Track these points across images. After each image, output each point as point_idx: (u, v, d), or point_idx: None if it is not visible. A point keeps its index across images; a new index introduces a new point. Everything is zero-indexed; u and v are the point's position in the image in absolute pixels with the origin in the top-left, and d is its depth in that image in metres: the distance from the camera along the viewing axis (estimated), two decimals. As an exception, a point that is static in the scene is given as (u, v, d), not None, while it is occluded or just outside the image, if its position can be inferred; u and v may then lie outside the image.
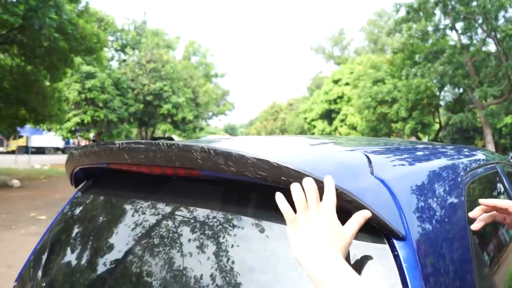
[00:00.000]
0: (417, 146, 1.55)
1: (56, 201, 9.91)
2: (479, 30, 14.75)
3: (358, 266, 0.81)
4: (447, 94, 25.03)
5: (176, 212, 1.10)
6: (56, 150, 37.78)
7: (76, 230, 1.36)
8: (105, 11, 22.01)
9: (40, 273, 1.37)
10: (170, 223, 1.08)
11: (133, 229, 1.15)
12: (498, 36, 13.18)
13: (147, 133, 28.89)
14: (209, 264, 0.93)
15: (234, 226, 0.96)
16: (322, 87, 40.63)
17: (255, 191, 0.96)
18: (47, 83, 13.39)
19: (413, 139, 27.94)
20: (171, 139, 25.60)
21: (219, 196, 1.05)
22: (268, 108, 69.83)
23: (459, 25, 15.02)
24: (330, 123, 37.22)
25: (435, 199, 1.01)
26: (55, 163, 21.56)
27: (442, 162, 1.27)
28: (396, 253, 0.80)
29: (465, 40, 15.32)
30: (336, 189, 0.80)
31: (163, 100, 22.31)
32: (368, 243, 0.83)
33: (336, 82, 36.61)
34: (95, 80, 18.06)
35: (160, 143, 0.99)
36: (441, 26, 15.80)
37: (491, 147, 15.64)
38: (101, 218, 1.31)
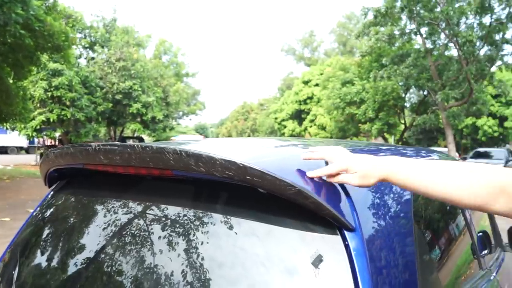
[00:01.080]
0: (374, 148, 1.69)
1: (20, 202, 9.62)
2: (442, 35, 15.37)
3: (314, 254, 0.92)
4: (412, 96, 25.87)
5: (149, 211, 1.16)
6: (19, 149, 36.54)
7: (49, 230, 1.40)
8: (73, 7, 21.46)
9: (12, 274, 1.39)
10: (144, 221, 1.15)
11: (107, 228, 1.21)
12: (459, 41, 13.77)
13: (115, 132, 28.39)
14: (183, 261, 0.99)
15: (205, 223, 1.04)
16: (292, 87, 41.11)
17: (223, 189, 1.05)
18: (11, 81, 12.96)
19: (380, 139, 28.72)
20: (141, 139, 25.30)
21: (190, 194, 1.13)
22: (239, 108, 69.95)
23: (424, 30, 15.60)
24: (300, 124, 37.71)
25: (384, 196, 1.13)
26: (18, 163, 20.86)
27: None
28: (346, 243, 0.91)
29: (429, 44, 15.92)
30: (295, 187, 0.90)
31: (133, 99, 21.99)
32: (323, 234, 0.94)
33: (306, 83, 37.12)
34: (62, 78, 17.59)
35: (135, 145, 1.07)
36: (407, 31, 16.34)
37: (452, 147, 16.31)
38: (75, 217, 1.35)
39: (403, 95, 22.47)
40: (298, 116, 38.06)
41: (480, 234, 2.02)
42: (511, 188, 0.82)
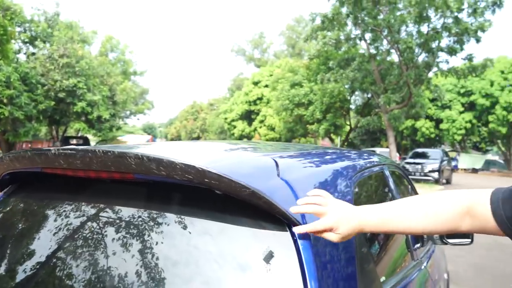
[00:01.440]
0: (321, 151, 1.83)
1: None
2: (385, 42, 16.17)
3: (266, 249, 1.01)
4: (357, 98, 26.94)
5: (108, 213, 1.19)
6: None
7: (2, 234, 1.40)
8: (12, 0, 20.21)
9: None
10: (102, 223, 1.17)
11: (64, 230, 1.21)
12: (400, 48, 14.56)
13: (58, 132, 27.11)
14: (149, 260, 1.04)
15: (165, 223, 1.10)
16: (242, 88, 41.29)
17: (182, 190, 1.12)
18: None
19: (327, 139, 29.62)
20: (86, 139, 24.34)
21: (150, 195, 1.19)
22: (189, 107, 69.08)
23: (368, 36, 16.33)
24: (250, 124, 37.97)
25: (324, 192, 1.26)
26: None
27: (337, 164, 1.54)
28: (295, 238, 1.02)
29: (372, 50, 16.66)
30: (249, 188, 0.99)
31: (77, 97, 21.09)
32: (274, 231, 1.04)
33: (256, 84, 37.44)
34: (-1, 73, 16.57)
35: (96, 150, 1.11)
36: (352, 36, 17.00)
37: (393, 147, 17.20)
38: (30, 221, 1.35)
39: (349, 97, 23.35)
40: (248, 116, 38.30)
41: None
42: (472, 210, 0.97)
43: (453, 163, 33.07)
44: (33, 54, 22.21)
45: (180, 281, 1.00)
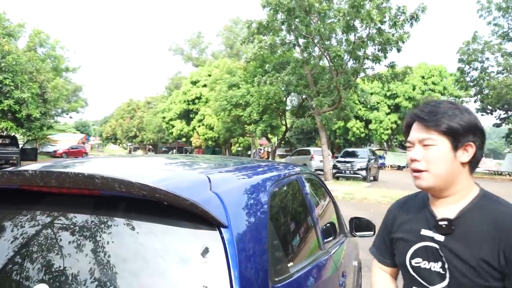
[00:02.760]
0: (248, 165, 2.26)
1: None
2: (317, 48, 17.11)
3: (202, 245, 1.40)
4: (294, 99, 28.01)
5: (77, 222, 1.51)
6: None
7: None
8: None
9: None
10: (73, 230, 1.48)
11: (38, 239, 1.50)
12: (330, 55, 15.54)
13: (-18, 130, 25.34)
14: (109, 258, 1.32)
15: (124, 229, 1.45)
16: (180, 87, 40.98)
17: (138, 202, 1.48)
18: None
19: (264, 139, 30.43)
20: (14, 138, 22.98)
21: (112, 207, 1.52)
22: (125, 105, 66.97)
23: (301, 42, 17.17)
24: (189, 123, 37.85)
25: (248, 202, 1.68)
26: None
27: (258, 177, 1.98)
28: (222, 235, 1.42)
29: (305, 55, 17.54)
30: (188, 201, 1.38)
31: (3, 95, 19.93)
32: (207, 230, 1.43)
33: (194, 83, 37.37)
34: None
35: (69, 172, 1.45)
36: (287, 41, 17.76)
37: (325, 147, 18.26)
38: (9, 230, 1.63)
39: (285, 99, 24.26)
40: (187, 115, 38.13)
41: (327, 225, 2.76)
42: None
43: (380, 161, 35.41)
44: (-48, 47, 20.63)
45: (144, 273, 1.31)
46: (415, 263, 1.33)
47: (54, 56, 33.10)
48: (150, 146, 59.13)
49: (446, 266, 1.24)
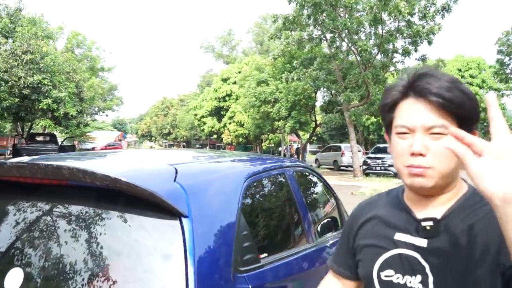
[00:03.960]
0: (230, 159, 2.31)
1: None
2: (344, 42, 16.89)
3: (163, 232, 1.46)
4: (326, 95, 27.74)
5: (50, 211, 1.62)
6: None
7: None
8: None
9: None
10: (47, 218, 1.61)
11: (16, 226, 1.65)
12: (357, 49, 15.30)
13: (23, 129, 26.68)
14: (83, 252, 1.42)
15: (89, 217, 1.54)
16: (212, 84, 41.48)
17: (102, 192, 1.55)
18: None
19: (294, 135, 30.34)
20: (53, 135, 24.09)
21: (80, 196, 1.62)
22: (159, 103, 68.58)
23: (329, 36, 16.99)
24: (220, 120, 38.27)
25: (216, 194, 1.72)
26: None
27: (234, 170, 2.02)
28: (182, 224, 1.48)
29: (333, 50, 17.35)
30: (147, 191, 1.44)
31: (42, 94, 20.90)
32: (168, 220, 1.49)
33: (225, 80, 37.72)
34: (-40, 71, 16.32)
35: (40, 164, 1.55)
36: (315, 36, 17.62)
37: (354, 143, 18.00)
38: None
39: (314, 95, 24.08)
40: (218, 112, 38.57)
41: (326, 219, 2.76)
42: None
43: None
44: (-4, 50, 21.82)
45: (106, 254, 1.40)
46: (385, 276, 1.04)
47: (90, 57, 34.35)
48: (184, 143, 60.25)
49: (431, 280, 0.96)
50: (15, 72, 20.24)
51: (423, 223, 0.99)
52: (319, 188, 3.10)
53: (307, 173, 2.91)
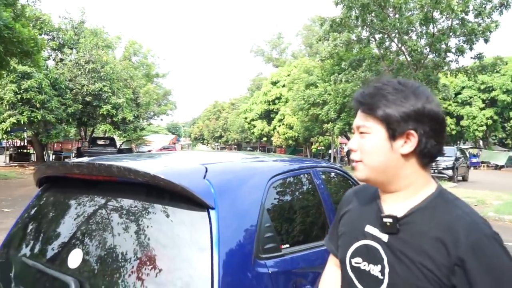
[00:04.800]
0: (259, 159, 2.54)
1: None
2: (393, 43, 16.54)
3: (194, 222, 1.71)
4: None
5: (105, 202, 1.95)
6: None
7: (40, 214, 2.18)
8: (40, 10, 21.58)
9: (16, 244, 2.15)
10: (103, 209, 1.93)
11: (80, 213, 1.99)
12: (407, 49, 14.94)
13: (86, 133, 28.53)
14: (127, 237, 1.72)
15: (135, 206, 1.84)
16: (261, 88, 41.92)
17: (146, 187, 1.84)
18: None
19: (344, 138, 29.95)
20: (112, 139, 25.58)
21: (128, 190, 1.91)
22: (211, 107, 70.24)
23: (377, 37, 16.74)
24: (269, 123, 38.58)
25: (241, 189, 1.95)
26: (-13, 165, 20.93)
27: (261, 169, 2.25)
28: (209, 215, 1.72)
29: (381, 50, 17.05)
30: (179, 186, 1.70)
31: (103, 100, 22.33)
32: (197, 212, 1.73)
33: (274, 83, 37.99)
34: (31, 80, 17.80)
35: (95, 163, 1.87)
36: (363, 37, 17.42)
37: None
38: (57, 207, 2.13)
39: (364, 96, 23.64)
40: (267, 115, 38.92)
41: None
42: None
43: (474, 160, 32.83)
44: (61, 60, 23.57)
45: (149, 238, 1.68)
46: (355, 263, 1.15)
47: (146, 64, 36.05)
48: (235, 146, 61.28)
49: (386, 270, 1.06)
50: (78, 81, 21.79)
51: (384, 219, 1.08)
52: (347, 187, 3.24)
53: (334, 173, 3.08)
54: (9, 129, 18.38)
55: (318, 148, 35.81)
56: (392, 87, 1.07)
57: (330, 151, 33.39)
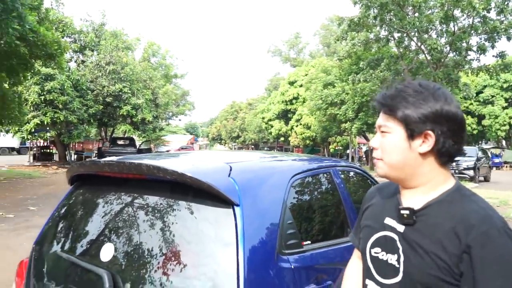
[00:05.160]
0: (281, 158, 2.60)
1: (20, 200, 10.33)
2: (413, 42, 16.37)
3: (219, 217, 1.79)
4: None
5: (135, 199, 2.05)
6: (11, 150, 37.11)
7: (72, 211, 2.29)
8: (62, 13, 22.11)
9: (50, 238, 2.27)
10: (132, 205, 2.03)
11: (110, 208, 2.09)
12: (427, 48, 14.76)
13: (106, 133, 29.05)
14: (154, 226, 1.86)
15: (163, 203, 1.93)
16: (279, 88, 41.92)
17: (174, 184, 1.92)
18: (7, 87, 13.65)
19: (362, 138, 29.72)
20: (132, 139, 25.98)
21: (157, 187, 2.00)
22: (228, 107, 70.50)
23: (396, 36, 16.59)
24: (287, 123, 38.55)
25: (264, 187, 2.03)
26: (12, 164, 21.50)
27: (282, 168, 2.32)
28: (234, 211, 1.80)
29: (401, 50, 16.89)
30: (205, 183, 1.78)
31: (123, 101, 22.72)
32: (223, 208, 1.81)
33: (292, 83, 37.96)
34: (54, 82, 18.26)
35: (125, 162, 1.96)
36: (382, 36, 17.29)
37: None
38: (88, 204, 2.24)
39: (382, 96, 23.45)
40: (285, 115, 38.91)
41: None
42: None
43: (496, 160, 32.18)
44: (83, 62, 24.08)
45: (175, 234, 1.77)
46: (374, 253, 1.24)
47: (164, 65, 36.49)
48: (252, 146, 61.45)
49: (402, 259, 1.13)
50: (99, 82, 22.22)
51: (402, 211, 1.16)
52: (366, 186, 3.28)
53: (353, 173, 3.12)
54: (33, 129, 18.88)
55: (336, 148, 35.63)
56: (413, 89, 1.13)
57: (348, 151, 33.19)
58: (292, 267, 1.91)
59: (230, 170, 1.98)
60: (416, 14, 15.31)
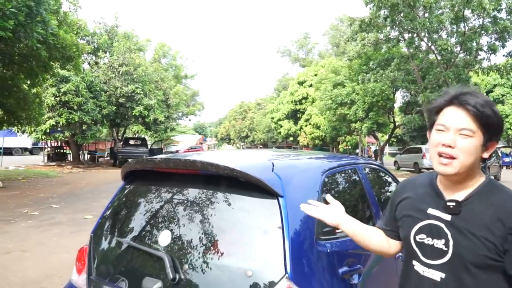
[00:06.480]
0: (312, 156, 2.87)
1: (41, 199, 10.68)
2: (423, 42, 16.49)
3: (266, 208, 2.06)
4: (406, 95, 27.00)
5: (188, 192, 2.30)
6: (23, 150, 37.69)
7: (127, 202, 2.55)
8: (77, 16, 22.52)
9: (108, 227, 2.54)
10: (185, 199, 2.28)
11: (161, 200, 2.36)
12: (437, 48, 14.90)
13: (118, 133, 29.44)
14: (207, 221, 2.10)
15: (217, 196, 2.18)
16: (288, 88, 42.06)
17: (225, 179, 2.18)
18: (27, 88, 14.01)
19: (371, 137, 29.80)
20: (144, 139, 26.34)
21: (209, 182, 2.26)
22: (237, 107, 70.67)
23: (406, 37, 16.73)
24: (296, 123, 38.68)
25: (302, 181, 2.29)
26: (27, 164, 21.97)
27: (315, 165, 2.58)
28: (279, 202, 2.05)
29: (411, 50, 17.02)
30: (255, 177, 2.04)
31: (135, 102, 23.07)
32: (269, 199, 2.06)
33: (301, 83, 38.06)
34: (69, 84, 18.66)
35: (181, 158, 2.23)
36: (392, 37, 17.44)
37: (432, 145, 17.41)
38: (143, 198, 2.50)
39: (392, 96, 23.62)
40: (294, 115, 39.03)
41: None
42: (388, 240, 1.70)
43: (507, 160, 32.05)
44: (96, 63, 24.49)
45: (225, 221, 2.04)
46: (419, 239, 1.44)
47: (175, 65, 36.85)
48: (261, 146, 61.65)
49: (451, 243, 1.33)
50: (112, 83, 22.61)
51: (448, 203, 1.37)
52: (387, 182, 3.53)
53: (377, 170, 3.38)
54: (48, 130, 19.29)
55: (345, 147, 35.74)
56: (486, 98, 1.33)
57: (357, 150, 33.30)
58: (328, 251, 2.16)
59: (273, 166, 2.23)
60: (427, 15, 15.45)
